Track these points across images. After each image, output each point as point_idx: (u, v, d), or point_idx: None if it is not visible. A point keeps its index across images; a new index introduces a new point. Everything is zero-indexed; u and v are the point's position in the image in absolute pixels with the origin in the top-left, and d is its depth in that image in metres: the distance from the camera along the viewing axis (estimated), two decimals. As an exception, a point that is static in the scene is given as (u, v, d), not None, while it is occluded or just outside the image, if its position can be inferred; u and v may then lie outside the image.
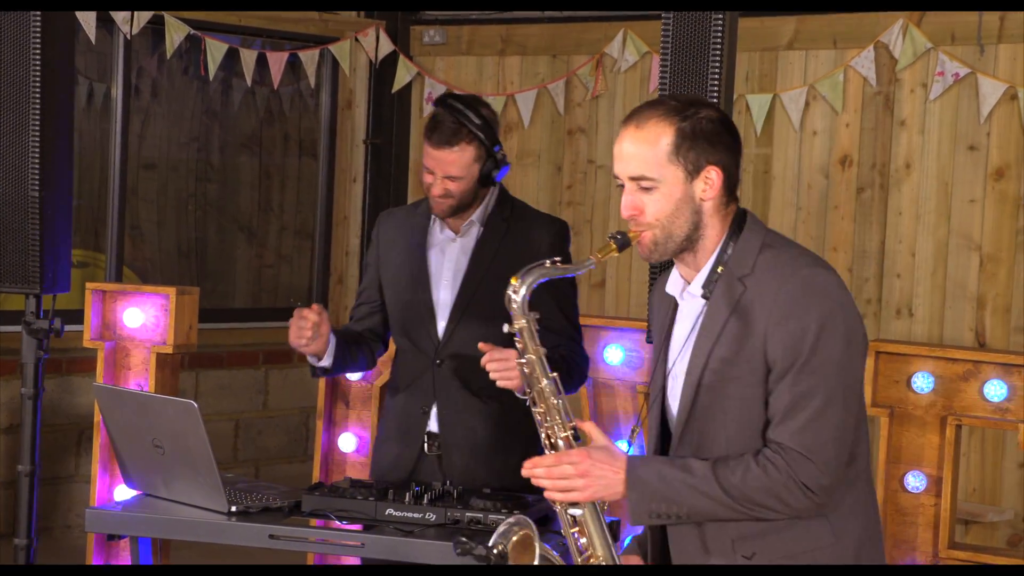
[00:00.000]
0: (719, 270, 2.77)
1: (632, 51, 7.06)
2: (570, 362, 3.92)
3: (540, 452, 4.10)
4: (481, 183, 3.95)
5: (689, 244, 2.78)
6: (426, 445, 3.96)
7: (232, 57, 7.23)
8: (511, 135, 7.52)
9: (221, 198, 7.72)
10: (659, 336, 2.92)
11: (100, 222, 7.11)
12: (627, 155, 2.78)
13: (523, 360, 2.78)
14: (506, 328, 2.78)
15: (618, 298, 7.21)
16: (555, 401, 2.77)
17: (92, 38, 6.72)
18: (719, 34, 3.95)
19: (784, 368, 2.68)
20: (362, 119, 7.88)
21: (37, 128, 4.39)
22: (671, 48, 4.05)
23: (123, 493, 4.66)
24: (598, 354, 4.79)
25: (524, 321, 2.76)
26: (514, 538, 2.73)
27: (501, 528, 2.73)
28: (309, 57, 7.47)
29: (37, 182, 4.40)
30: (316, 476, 4.97)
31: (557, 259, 2.80)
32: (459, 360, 3.95)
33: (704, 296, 2.79)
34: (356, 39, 7.63)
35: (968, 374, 4.18)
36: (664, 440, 2.88)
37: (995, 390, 4.12)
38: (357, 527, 3.65)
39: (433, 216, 4.03)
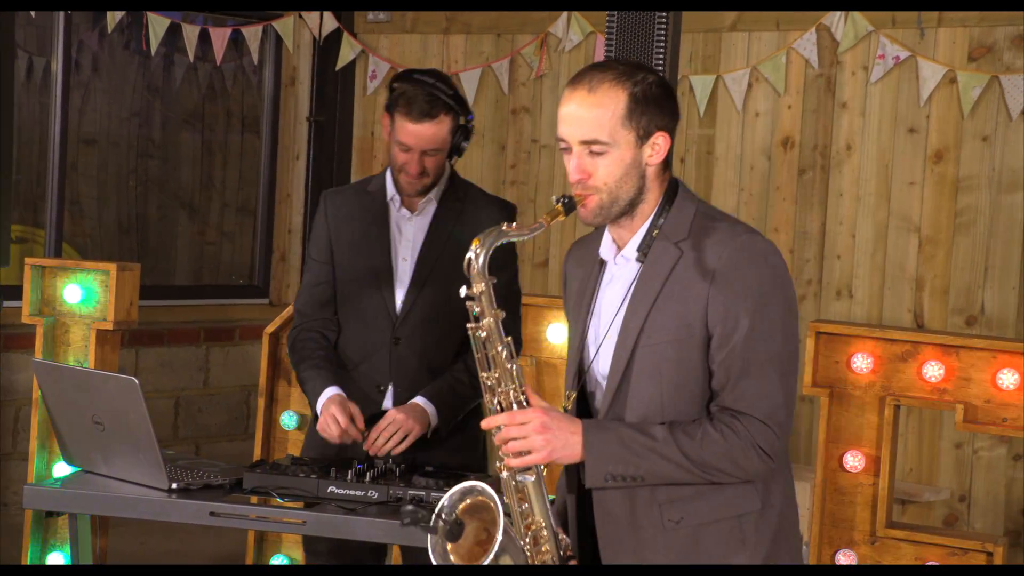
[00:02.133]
0: (654, 234, 2.79)
1: (576, 31, 7.06)
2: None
3: (483, 437, 4.10)
4: (450, 155, 3.96)
5: (630, 208, 2.80)
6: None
7: (174, 32, 7.17)
8: (455, 114, 7.50)
9: (162, 174, 7.66)
10: (580, 300, 2.92)
11: (39, 197, 7.04)
12: (578, 119, 2.76)
13: (478, 324, 2.76)
14: (464, 291, 2.76)
15: (560, 277, 7.21)
16: (509, 366, 2.76)
17: (31, 11, 6.64)
18: (663, 33, 3.96)
19: (725, 333, 2.70)
20: (305, 96, 7.84)
21: (-25, 101, 4.34)
22: (615, 43, 4.05)
23: (62, 470, 4.63)
24: (541, 333, 4.80)
25: (483, 285, 2.75)
26: (468, 501, 2.71)
27: (451, 494, 2.72)
28: (252, 33, 7.43)
29: (-25, 156, 4.35)
30: (257, 454, 4.96)
31: (513, 223, 2.79)
32: (416, 337, 3.96)
33: (639, 260, 2.80)
34: (300, 16, 7.59)
35: (907, 355, 4.22)
36: (582, 403, 2.88)
37: (933, 371, 4.16)
38: (299, 505, 3.65)
39: (390, 194, 4.01)
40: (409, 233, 4.00)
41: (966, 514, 6.19)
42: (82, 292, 4.82)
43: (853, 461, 4.26)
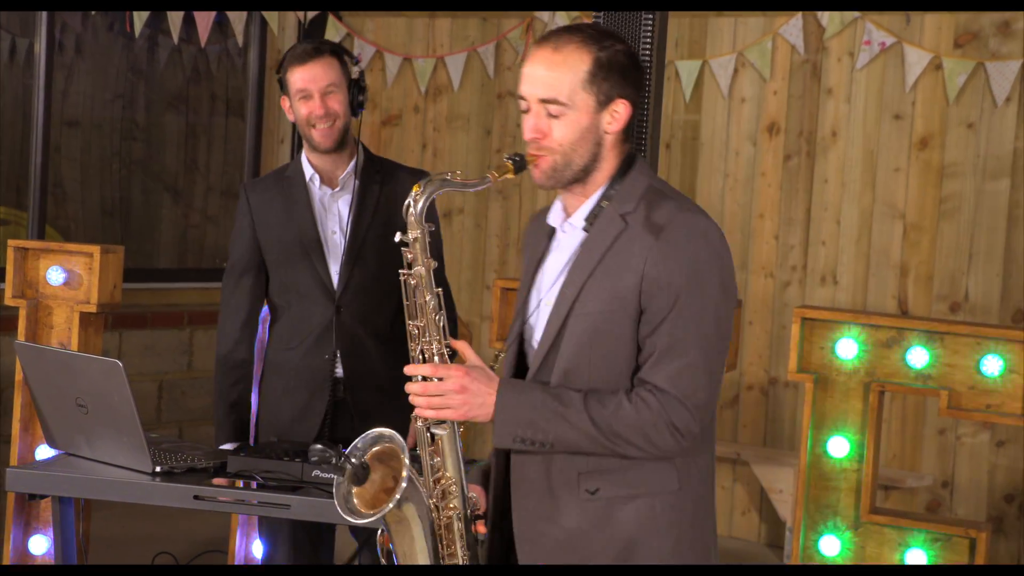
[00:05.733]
0: (603, 204, 2.77)
1: (563, 16, 7.05)
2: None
3: None
4: (353, 111, 4.07)
5: (583, 175, 2.77)
6: (335, 391, 4.06)
7: (158, 15, 7.14)
8: (441, 98, 7.49)
9: (146, 157, 7.63)
10: (530, 266, 2.91)
11: (22, 179, 7.01)
12: (540, 77, 2.73)
13: (410, 272, 2.75)
14: (398, 237, 2.74)
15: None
16: (435, 317, 2.74)
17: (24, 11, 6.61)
18: (649, 33, 3.95)
19: (660, 309, 2.67)
20: (290, 79, 7.81)
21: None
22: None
23: (45, 452, 4.61)
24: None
25: (419, 231, 2.73)
26: (376, 448, 2.71)
27: (362, 438, 2.72)
28: (237, 16, 7.40)
29: (-42, 137, 4.32)
30: (241, 438, 4.94)
31: (457, 172, 2.79)
32: (357, 304, 4.08)
33: (585, 229, 2.78)
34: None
35: (891, 341, 4.22)
36: (520, 367, 2.87)
37: (917, 357, 4.17)
38: (283, 489, 3.64)
39: (309, 174, 4.13)
40: (335, 208, 4.12)
41: (949, 500, 6.21)
42: (65, 274, 4.80)
43: (837, 447, 4.27)
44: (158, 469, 3.72)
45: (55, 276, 4.81)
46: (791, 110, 6.59)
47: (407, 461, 2.67)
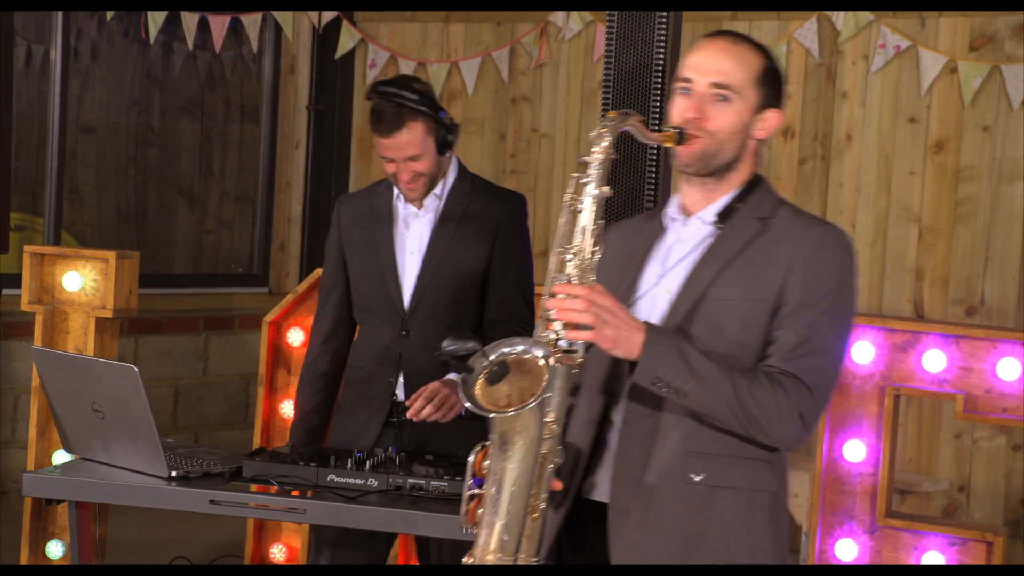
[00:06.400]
0: (736, 205, 2.81)
1: (576, 20, 7.05)
2: None
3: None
4: (439, 152, 3.98)
5: (725, 169, 2.81)
6: (395, 414, 3.98)
7: (173, 20, 7.16)
8: (455, 103, 7.49)
9: (162, 163, 7.65)
10: (626, 263, 2.87)
11: (38, 185, 7.03)
12: (716, 62, 2.80)
13: (578, 197, 2.68)
14: (584, 158, 2.68)
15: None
16: (590, 253, 2.67)
17: (32, 11, 6.63)
18: (663, 33, 3.95)
19: (801, 304, 2.70)
20: (305, 85, 7.83)
21: (-25, 88, 4.33)
22: (615, 43, 4.03)
23: (61, 458, 4.62)
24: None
25: (601, 155, 2.67)
26: (516, 356, 2.60)
27: (508, 343, 2.61)
28: (251, 21, 7.41)
29: (-26, 143, 4.34)
30: (257, 443, 4.95)
31: (642, 118, 2.76)
32: (425, 330, 3.99)
33: (715, 223, 2.80)
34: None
35: (907, 345, 4.21)
36: (613, 367, 2.80)
37: (933, 361, 4.16)
38: (298, 493, 3.65)
39: (396, 193, 4.07)
40: (416, 228, 4.05)
41: (965, 504, 6.19)
42: (81, 280, 4.82)
43: (853, 451, 4.26)
44: (174, 474, 3.73)
45: (71, 282, 4.82)
46: (806, 114, 6.58)
47: (547, 382, 2.56)
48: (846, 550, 4.27)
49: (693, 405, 2.68)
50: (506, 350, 2.62)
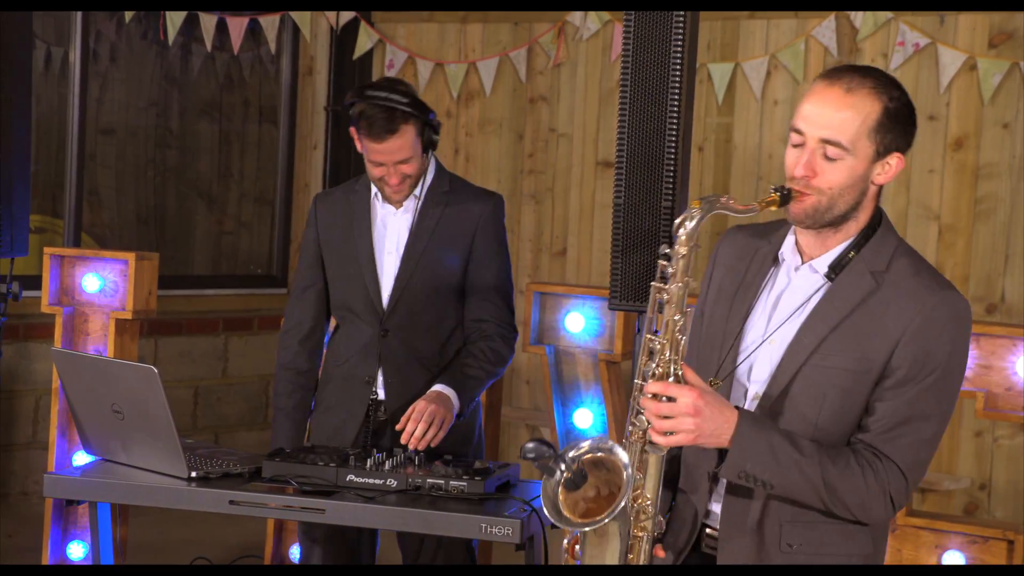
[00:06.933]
0: (851, 255, 2.71)
1: (594, 19, 7.05)
2: (497, 353, 4.03)
3: (479, 422, 4.14)
4: (424, 152, 3.99)
5: (841, 221, 2.70)
6: (371, 412, 4.00)
7: (191, 22, 7.18)
8: (473, 103, 7.49)
9: (180, 164, 7.67)
10: (734, 293, 2.81)
11: (58, 187, 7.05)
12: (826, 117, 2.63)
13: (664, 287, 2.65)
14: (664, 249, 2.65)
15: (579, 266, 7.22)
16: (680, 338, 2.63)
17: (50, 11, 6.65)
18: (680, 33, 3.93)
19: (906, 379, 2.62)
20: (323, 85, 7.84)
21: (-6, 91, 4.35)
22: (632, 43, 4.02)
23: (82, 459, 4.64)
24: (559, 322, 4.80)
25: (685, 249, 2.63)
26: (594, 455, 2.62)
27: (583, 444, 2.63)
28: (269, 23, 7.43)
29: (-6, 146, 4.36)
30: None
31: (731, 196, 2.67)
32: (404, 329, 4.01)
33: (828, 276, 2.71)
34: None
35: (927, 342, 4.19)
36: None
37: (953, 358, 4.14)
38: (318, 493, 3.65)
39: (374, 191, 4.07)
40: (394, 227, 4.05)
41: (986, 502, 6.17)
42: (101, 282, 4.83)
43: (873, 449, 4.24)
44: (193, 474, 3.74)
45: (91, 283, 4.84)
46: (824, 112, 6.55)
47: (628, 477, 2.59)
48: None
49: (780, 495, 2.66)
50: (582, 454, 2.62)
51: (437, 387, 3.90)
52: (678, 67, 3.92)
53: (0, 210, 4.38)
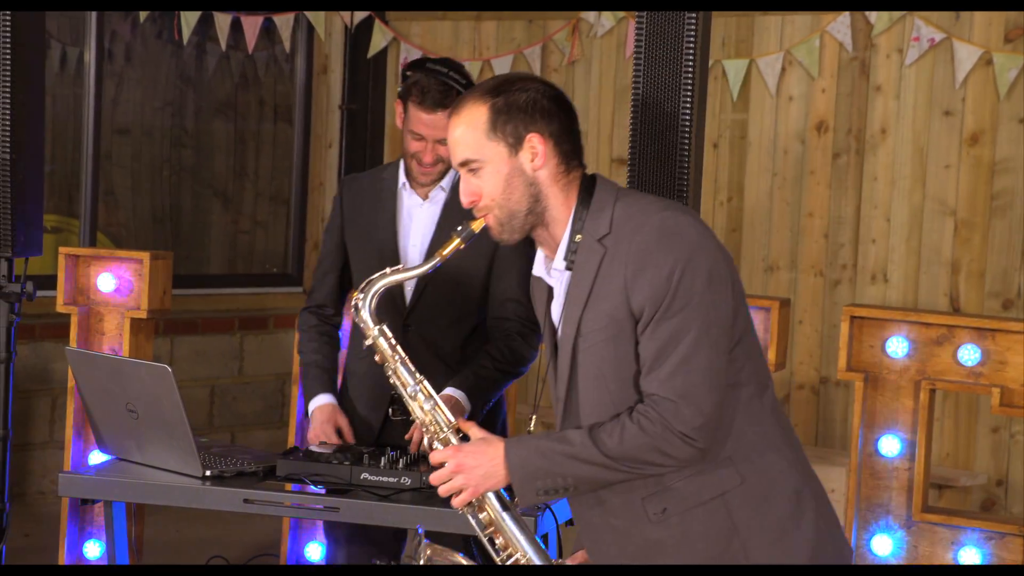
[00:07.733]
0: (577, 238, 2.73)
1: (608, 16, 7.04)
2: (515, 355, 4.02)
3: (503, 415, 4.16)
4: None
5: (536, 219, 2.76)
6: (391, 409, 3.98)
7: (206, 22, 7.19)
8: (487, 100, 7.49)
9: (196, 164, 7.68)
10: (543, 320, 2.88)
11: (74, 187, 7.07)
12: (452, 143, 2.78)
13: (389, 373, 2.89)
14: (366, 343, 2.90)
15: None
16: (427, 407, 2.86)
17: (65, 11, 6.67)
18: (692, 33, 3.92)
19: (649, 316, 2.63)
20: (337, 84, 7.85)
21: (8, 91, 4.36)
22: (644, 44, 4.01)
23: (97, 458, 4.64)
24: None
25: (375, 332, 2.87)
26: (431, 554, 2.83)
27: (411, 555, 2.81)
28: (284, 22, 7.43)
29: (8, 145, 4.37)
30: (291, 442, 4.96)
31: (398, 267, 2.92)
32: (426, 325, 3.98)
33: (568, 267, 2.75)
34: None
35: (942, 339, 4.19)
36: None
37: (969, 355, 4.13)
38: (332, 491, 3.65)
39: (401, 181, 4.03)
40: (420, 219, 4.02)
41: (1003, 498, 6.16)
42: (116, 281, 4.84)
43: (889, 446, 4.24)
44: (208, 473, 3.74)
45: (106, 283, 4.85)
46: (839, 108, 6.55)
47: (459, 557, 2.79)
48: (882, 545, 4.25)
49: (586, 488, 2.71)
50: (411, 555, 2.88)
51: (449, 390, 3.89)
52: (690, 67, 3.91)
53: (14, 210, 4.39)
